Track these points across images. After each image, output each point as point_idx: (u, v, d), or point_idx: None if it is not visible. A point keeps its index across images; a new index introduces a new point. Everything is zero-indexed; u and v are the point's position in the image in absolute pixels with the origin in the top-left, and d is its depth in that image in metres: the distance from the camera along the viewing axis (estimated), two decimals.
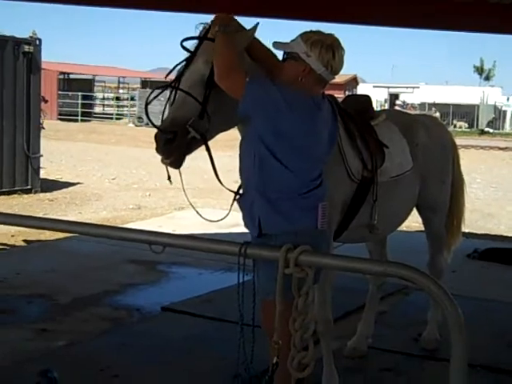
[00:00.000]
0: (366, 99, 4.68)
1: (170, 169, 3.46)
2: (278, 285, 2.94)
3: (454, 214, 5.38)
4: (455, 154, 5.32)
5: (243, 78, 3.20)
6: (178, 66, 3.48)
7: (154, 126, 3.36)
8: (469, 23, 8.74)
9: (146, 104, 3.55)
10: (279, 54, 3.54)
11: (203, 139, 3.38)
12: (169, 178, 3.54)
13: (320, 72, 3.27)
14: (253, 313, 3.20)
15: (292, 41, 3.32)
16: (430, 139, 4.87)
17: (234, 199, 3.52)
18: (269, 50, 3.58)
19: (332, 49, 3.26)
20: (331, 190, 3.65)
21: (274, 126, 3.21)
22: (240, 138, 3.51)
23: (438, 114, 43.97)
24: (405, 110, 39.44)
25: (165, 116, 3.40)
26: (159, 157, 3.42)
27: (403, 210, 4.71)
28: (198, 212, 3.63)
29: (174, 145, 3.31)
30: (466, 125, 52.69)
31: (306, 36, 3.29)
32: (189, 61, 3.44)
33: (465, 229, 10.58)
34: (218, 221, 3.58)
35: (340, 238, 4.22)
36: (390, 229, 4.77)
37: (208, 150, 3.47)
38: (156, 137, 3.33)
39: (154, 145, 3.36)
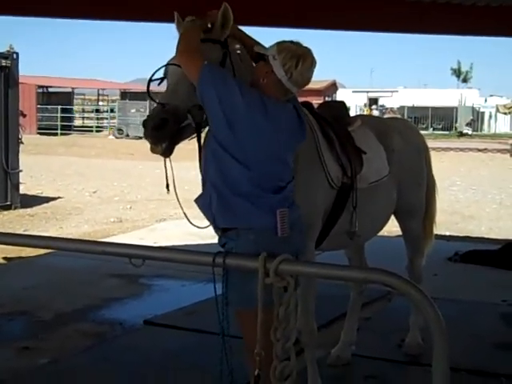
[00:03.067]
0: (342, 105, 4.68)
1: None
2: (259, 295, 2.92)
3: (427, 216, 5.40)
4: (427, 156, 5.35)
5: (199, 60, 3.21)
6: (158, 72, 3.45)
7: (156, 102, 3.30)
8: (444, 25, 8.80)
9: (149, 81, 3.45)
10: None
11: (198, 129, 3.35)
12: (167, 186, 3.51)
13: (280, 77, 3.25)
14: (222, 323, 3.20)
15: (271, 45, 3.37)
16: (405, 144, 4.89)
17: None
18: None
19: (298, 58, 3.26)
20: (312, 197, 3.64)
21: (227, 118, 3.17)
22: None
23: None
24: (385, 115, 39.63)
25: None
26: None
27: (382, 216, 4.73)
28: (189, 220, 3.57)
29: (166, 131, 3.22)
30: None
31: (281, 42, 3.32)
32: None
33: (446, 232, 10.73)
34: (205, 227, 3.54)
35: (321, 245, 4.21)
36: (370, 235, 4.77)
37: (199, 140, 3.42)
38: (145, 122, 3.25)
39: (143, 130, 3.28)
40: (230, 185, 3.23)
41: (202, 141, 3.45)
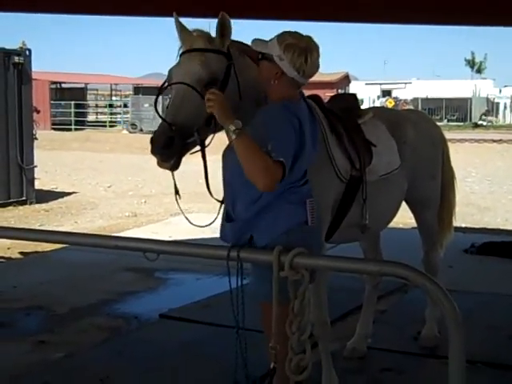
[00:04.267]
0: (353, 97, 4.65)
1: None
2: (273, 289, 2.93)
3: (445, 208, 5.36)
4: (445, 148, 5.29)
5: (279, 168, 3.06)
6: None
7: (164, 120, 3.21)
8: (457, 16, 8.73)
9: (155, 104, 3.46)
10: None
11: (202, 145, 3.35)
12: (177, 192, 3.51)
13: (292, 76, 3.23)
14: (237, 317, 3.20)
15: (270, 40, 3.27)
16: (419, 136, 4.84)
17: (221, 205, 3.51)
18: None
19: (305, 53, 3.21)
20: (320, 191, 3.61)
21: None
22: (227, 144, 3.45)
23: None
24: (398, 108, 39.43)
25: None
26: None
27: (393, 208, 4.68)
28: (187, 218, 3.59)
29: (173, 149, 3.21)
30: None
31: (281, 38, 3.24)
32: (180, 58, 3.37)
33: (461, 223, 10.69)
34: (205, 226, 3.54)
35: (331, 238, 4.19)
36: (381, 227, 4.75)
37: (204, 157, 3.43)
38: (153, 139, 3.22)
39: (150, 148, 3.24)
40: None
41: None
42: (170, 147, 3.19)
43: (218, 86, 3.27)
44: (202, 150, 3.39)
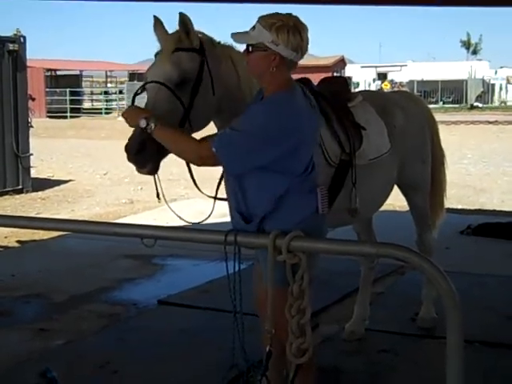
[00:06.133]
0: (342, 80, 4.62)
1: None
2: (269, 272, 2.94)
3: (437, 190, 5.37)
4: (434, 129, 5.28)
5: (209, 150, 3.05)
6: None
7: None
8: None
9: (134, 96, 3.49)
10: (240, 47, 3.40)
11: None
12: (158, 195, 3.53)
13: (292, 57, 3.14)
14: (234, 302, 3.21)
15: (252, 29, 3.13)
16: (408, 120, 4.81)
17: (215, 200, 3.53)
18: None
19: (298, 31, 3.10)
20: None
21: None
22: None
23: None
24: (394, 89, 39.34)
25: None
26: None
27: (383, 192, 4.67)
28: (176, 213, 3.60)
29: (146, 154, 3.23)
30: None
31: (266, 22, 3.09)
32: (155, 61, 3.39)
33: (457, 205, 10.71)
34: (199, 223, 3.54)
35: None
36: (371, 211, 4.74)
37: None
38: (126, 147, 3.24)
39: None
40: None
41: None
42: (143, 152, 3.21)
43: (190, 85, 3.29)
44: None
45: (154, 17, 3.46)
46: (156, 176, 3.46)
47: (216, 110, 3.49)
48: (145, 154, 3.23)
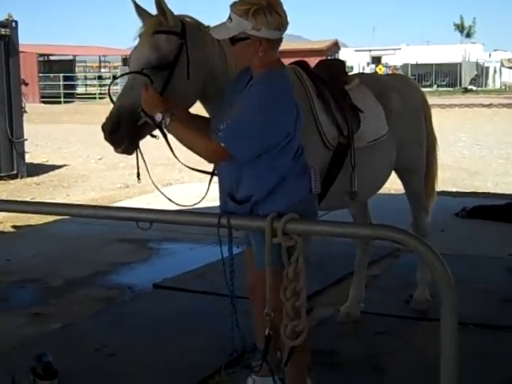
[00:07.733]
0: (339, 63, 4.61)
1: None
2: (266, 255, 2.94)
3: (429, 174, 5.36)
4: (427, 113, 5.27)
5: (218, 146, 3.11)
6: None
7: (112, 102, 3.37)
8: None
9: (109, 89, 3.57)
10: None
11: (159, 126, 3.30)
12: (138, 175, 3.64)
13: (276, 37, 3.15)
14: (230, 286, 3.24)
15: (229, 21, 3.12)
16: (404, 103, 4.79)
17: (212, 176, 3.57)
18: None
19: (274, 9, 3.08)
20: (307, 158, 3.63)
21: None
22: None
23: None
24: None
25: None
26: None
27: (382, 175, 4.68)
28: (166, 196, 3.68)
29: (121, 133, 3.30)
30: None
31: (241, 10, 3.07)
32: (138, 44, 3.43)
33: (452, 188, 10.74)
34: (191, 206, 3.58)
35: (319, 206, 4.19)
36: (370, 194, 4.75)
37: (164, 134, 3.41)
38: (103, 126, 3.31)
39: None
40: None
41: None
42: (116, 132, 3.28)
43: (168, 68, 3.33)
44: (160, 128, 3.33)
45: (132, 1, 3.49)
46: (138, 157, 3.56)
47: (201, 95, 3.51)
48: (119, 134, 3.30)
